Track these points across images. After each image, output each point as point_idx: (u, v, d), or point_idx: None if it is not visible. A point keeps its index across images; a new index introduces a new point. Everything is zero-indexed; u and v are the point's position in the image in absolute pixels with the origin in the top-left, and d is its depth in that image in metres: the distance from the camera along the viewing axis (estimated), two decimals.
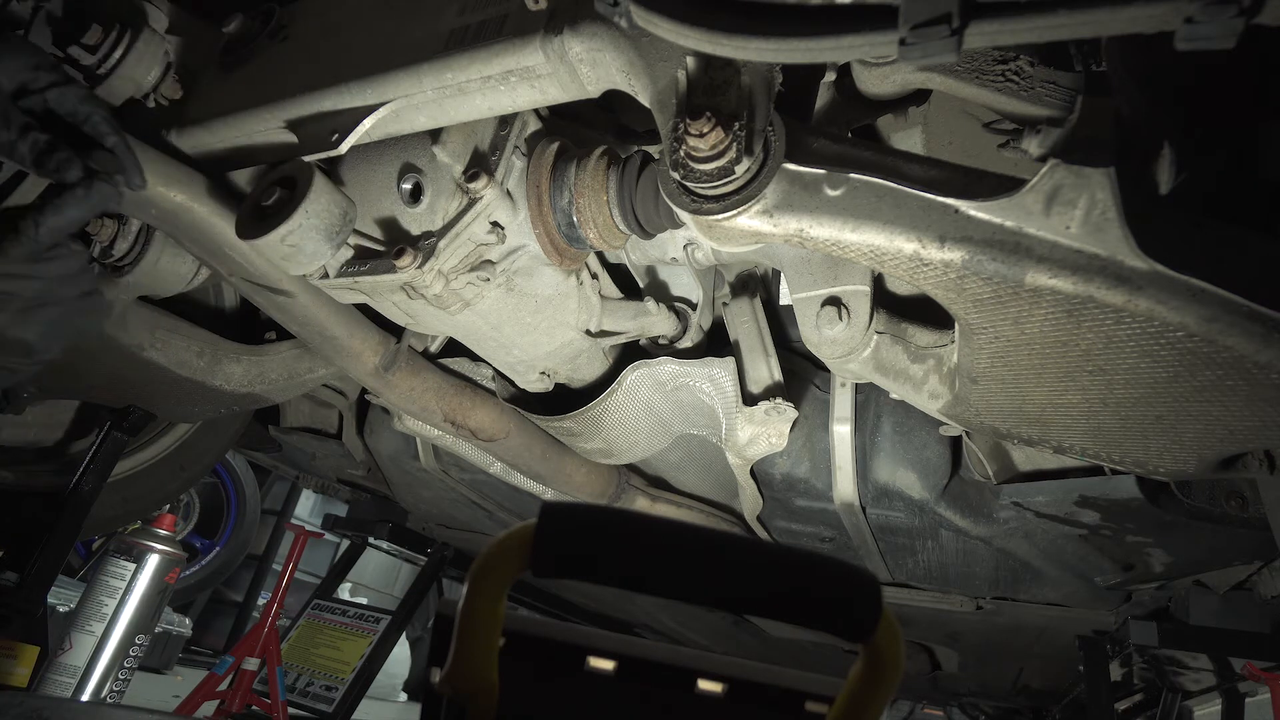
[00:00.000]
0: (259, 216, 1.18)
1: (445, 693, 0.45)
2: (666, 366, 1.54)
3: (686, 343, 1.59)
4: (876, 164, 0.90)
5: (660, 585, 0.44)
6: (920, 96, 1.13)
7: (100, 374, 1.76)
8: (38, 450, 2.16)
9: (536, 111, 1.30)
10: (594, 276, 1.49)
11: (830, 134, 0.97)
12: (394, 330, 1.63)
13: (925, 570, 2.00)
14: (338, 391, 2.31)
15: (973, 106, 1.07)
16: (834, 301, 1.08)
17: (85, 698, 2.35)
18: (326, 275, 1.27)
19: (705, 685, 0.52)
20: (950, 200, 0.84)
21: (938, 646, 2.86)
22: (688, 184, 0.91)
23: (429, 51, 1.08)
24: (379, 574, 8.13)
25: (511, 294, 1.34)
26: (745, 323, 1.59)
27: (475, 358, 1.71)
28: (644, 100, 1.00)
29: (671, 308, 1.56)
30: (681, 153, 0.88)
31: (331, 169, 1.29)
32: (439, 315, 1.32)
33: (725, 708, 0.52)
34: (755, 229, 0.93)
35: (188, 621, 5.00)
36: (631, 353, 1.66)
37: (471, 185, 1.17)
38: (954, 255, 0.83)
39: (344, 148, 1.13)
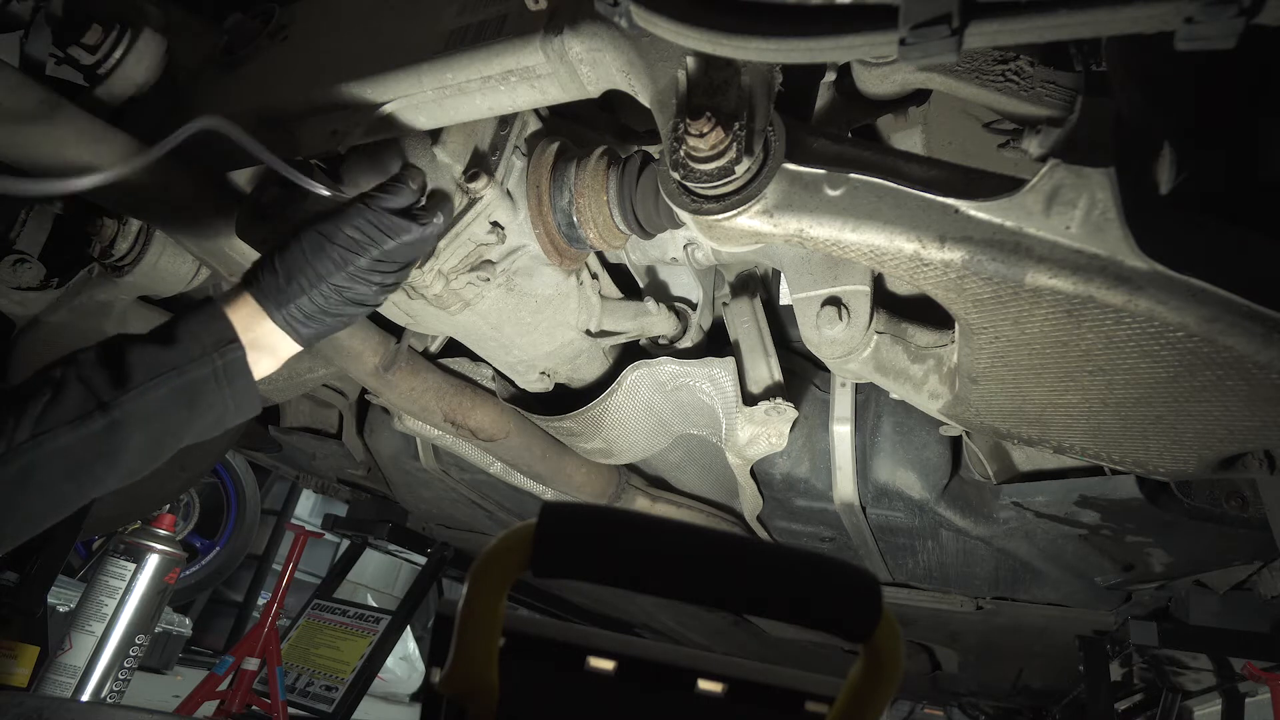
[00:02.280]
0: (259, 216, 1.19)
1: (445, 693, 0.45)
2: (666, 366, 1.54)
3: (686, 343, 1.59)
4: (876, 164, 0.90)
5: (660, 585, 0.44)
6: (920, 96, 1.13)
7: None
8: None
9: (536, 111, 1.30)
10: (594, 276, 1.49)
11: (830, 134, 0.97)
12: (394, 330, 1.63)
13: (925, 570, 2.00)
14: (338, 391, 2.31)
15: (973, 106, 1.07)
16: (834, 301, 1.08)
17: (85, 698, 2.35)
18: None
19: (705, 685, 0.52)
20: (950, 200, 0.84)
21: (938, 646, 2.86)
22: (688, 184, 0.91)
23: (429, 51, 1.08)
24: (379, 574, 8.13)
25: (511, 294, 1.34)
26: (745, 323, 1.59)
27: (475, 358, 1.71)
28: (644, 100, 1.00)
29: (671, 308, 1.56)
30: (681, 153, 0.88)
31: (331, 169, 1.29)
32: (439, 315, 1.32)
33: (725, 708, 0.52)
34: (755, 229, 0.93)
35: (188, 621, 5.00)
36: (631, 353, 1.66)
37: (471, 185, 1.17)
38: (954, 255, 0.83)
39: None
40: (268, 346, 1.02)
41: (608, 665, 0.51)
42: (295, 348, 1.04)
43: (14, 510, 0.85)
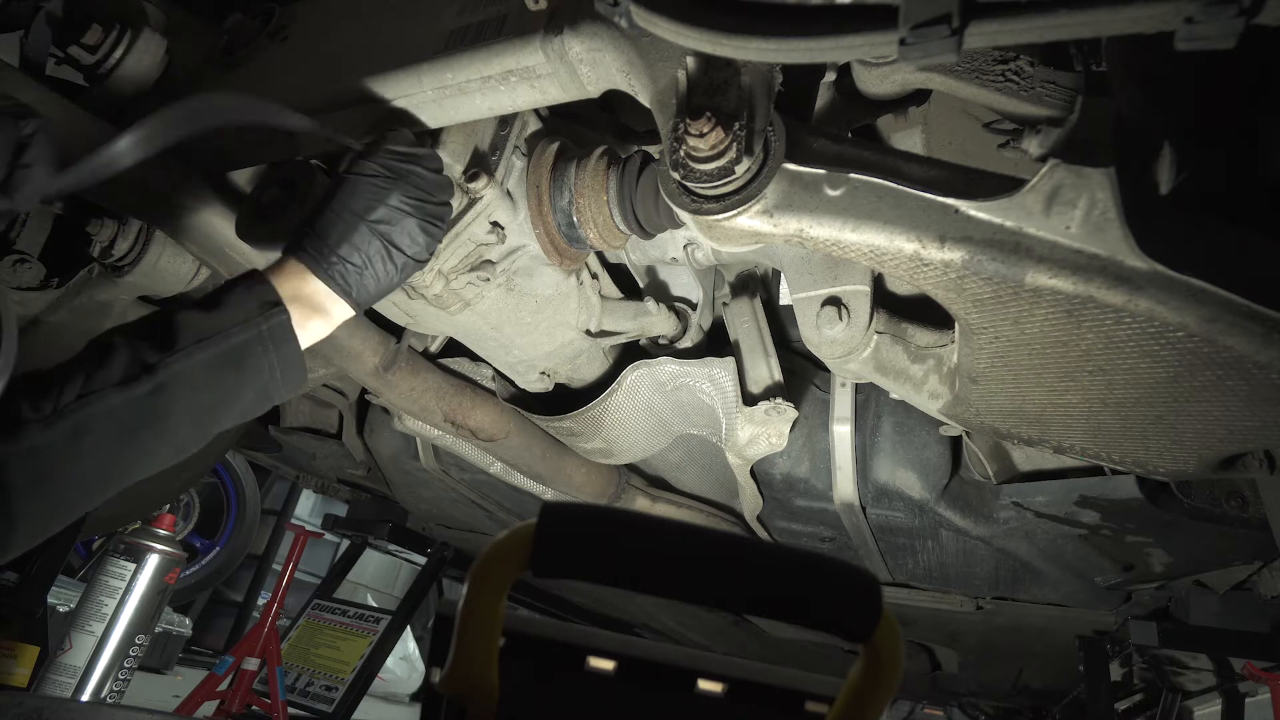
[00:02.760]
0: (259, 216, 1.19)
1: (445, 692, 0.45)
2: (666, 366, 1.54)
3: (686, 343, 1.59)
4: (876, 164, 0.90)
5: (660, 585, 0.44)
6: (920, 96, 1.13)
7: None
8: None
9: (536, 111, 1.30)
10: (594, 276, 1.49)
11: (830, 134, 0.97)
12: (394, 330, 1.63)
13: (925, 570, 2.00)
14: (338, 391, 2.31)
15: (973, 106, 1.07)
16: (834, 301, 1.08)
17: (85, 698, 2.35)
18: None
19: (705, 685, 0.52)
20: (950, 200, 0.84)
21: (938, 646, 2.86)
22: (688, 184, 0.91)
23: (429, 51, 1.08)
24: (379, 574, 8.13)
25: (511, 294, 1.34)
26: (745, 323, 1.59)
27: (475, 358, 1.71)
28: (644, 100, 1.00)
29: (671, 308, 1.56)
30: (681, 153, 0.88)
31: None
32: (439, 315, 1.32)
33: (725, 708, 0.52)
34: (755, 229, 0.93)
35: (188, 621, 5.00)
36: (631, 353, 1.66)
37: (471, 185, 1.17)
38: (954, 255, 0.83)
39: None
40: (317, 306, 0.99)
41: (608, 665, 0.51)
42: (347, 310, 1.01)
43: (65, 475, 0.84)
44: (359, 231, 0.98)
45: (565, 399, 1.68)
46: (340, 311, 1.01)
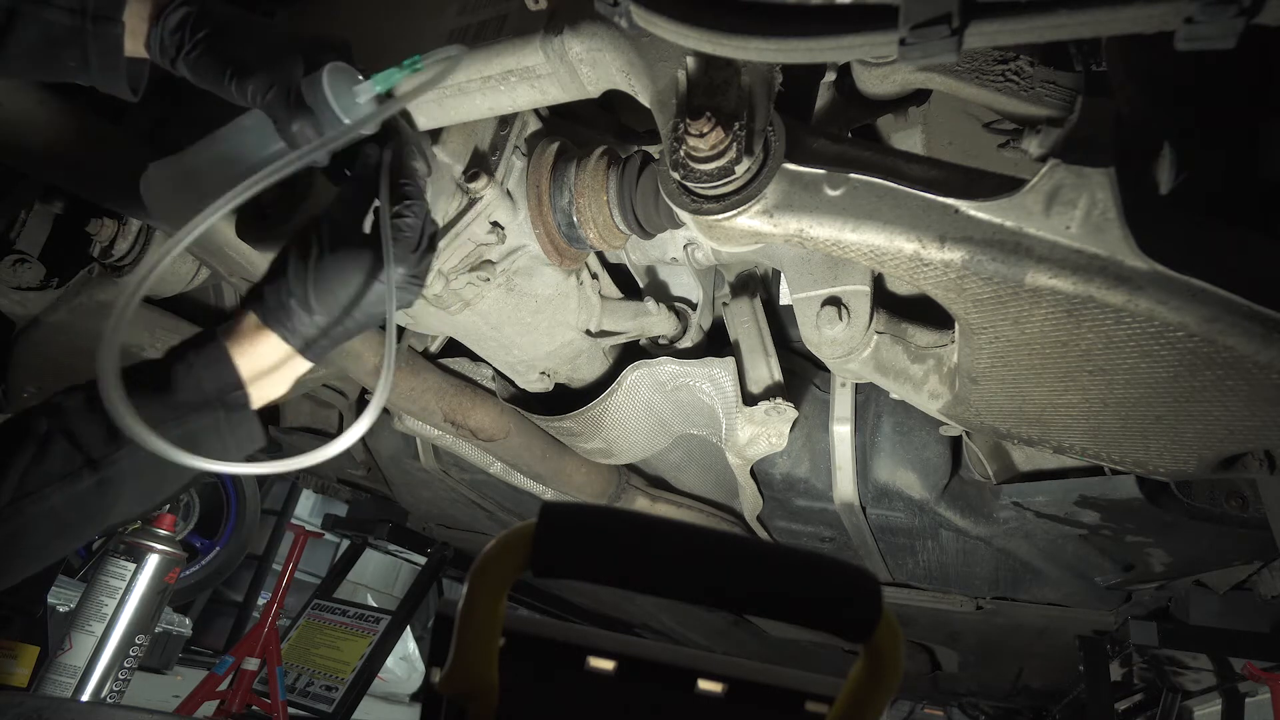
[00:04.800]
0: (259, 215, 1.19)
1: (445, 693, 0.45)
2: (666, 366, 1.54)
3: (686, 343, 1.59)
4: (876, 164, 0.90)
5: (660, 585, 0.44)
6: (920, 96, 1.13)
7: None
8: None
9: (536, 111, 1.30)
10: (594, 276, 1.49)
11: (830, 134, 0.97)
12: None
13: (925, 570, 2.00)
14: (338, 391, 2.31)
15: (973, 106, 1.07)
16: (834, 301, 1.08)
17: (85, 698, 2.35)
18: None
19: (705, 685, 0.52)
20: (950, 200, 0.84)
21: (938, 646, 2.86)
22: (688, 184, 0.91)
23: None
24: (379, 574, 8.13)
25: (511, 294, 1.34)
26: (745, 323, 1.59)
27: (475, 358, 1.71)
28: (644, 100, 1.00)
29: (671, 308, 1.56)
30: (681, 153, 0.88)
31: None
32: (439, 315, 1.32)
33: (725, 708, 0.52)
34: (755, 229, 0.93)
35: (188, 621, 5.00)
36: (631, 353, 1.66)
37: (471, 185, 1.17)
38: (954, 255, 0.83)
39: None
40: (279, 375, 0.91)
41: (608, 665, 0.51)
42: (304, 365, 0.93)
43: (2, 568, 0.79)
44: (334, 295, 0.88)
45: (565, 399, 1.68)
46: (296, 367, 0.92)
